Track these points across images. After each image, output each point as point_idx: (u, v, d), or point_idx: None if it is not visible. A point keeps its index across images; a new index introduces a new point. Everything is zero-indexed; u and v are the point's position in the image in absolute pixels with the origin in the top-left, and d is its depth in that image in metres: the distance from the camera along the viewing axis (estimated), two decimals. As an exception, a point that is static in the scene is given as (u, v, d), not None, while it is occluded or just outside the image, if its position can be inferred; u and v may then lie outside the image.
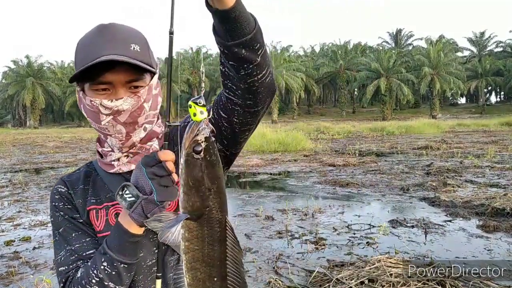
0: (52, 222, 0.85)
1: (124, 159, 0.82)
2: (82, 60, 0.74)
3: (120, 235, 0.73)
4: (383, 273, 2.78)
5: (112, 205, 0.83)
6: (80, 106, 0.81)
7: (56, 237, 0.84)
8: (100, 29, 0.76)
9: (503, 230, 3.98)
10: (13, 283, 3.07)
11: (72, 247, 0.81)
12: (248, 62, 0.68)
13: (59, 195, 0.85)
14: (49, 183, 7.70)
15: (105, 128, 0.78)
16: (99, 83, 0.75)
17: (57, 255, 0.82)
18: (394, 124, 23.87)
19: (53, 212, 0.85)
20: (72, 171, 0.92)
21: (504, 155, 9.84)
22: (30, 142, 21.02)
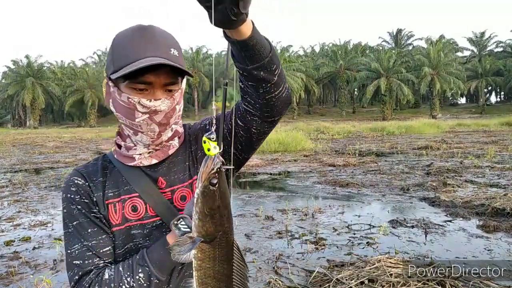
0: (65, 214, 0.84)
1: (147, 154, 0.84)
2: (124, 58, 0.76)
3: (165, 254, 0.76)
4: (383, 273, 2.78)
5: (129, 198, 0.84)
6: (107, 100, 0.84)
7: (69, 228, 0.82)
8: (141, 30, 0.78)
9: (503, 230, 3.98)
10: (13, 283, 3.07)
11: (89, 243, 0.81)
12: (266, 82, 0.74)
13: (76, 187, 0.84)
14: (49, 183, 7.70)
15: (139, 125, 0.80)
16: (140, 83, 0.77)
17: (71, 248, 0.81)
18: (394, 124, 23.87)
19: (68, 204, 0.83)
20: (86, 163, 0.91)
21: (504, 155, 9.84)
22: (30, 142, 21.02)
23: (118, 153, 0.87)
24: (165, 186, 0.85)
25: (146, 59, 0.74)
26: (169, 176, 0.86)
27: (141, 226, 0.84)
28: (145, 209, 0.84)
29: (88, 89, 49.59)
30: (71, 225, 0.82)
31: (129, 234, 0.83)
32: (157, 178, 0.85)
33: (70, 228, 0.82)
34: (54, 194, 6.72)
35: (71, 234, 0.82)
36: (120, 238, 0.83)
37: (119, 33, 0.80)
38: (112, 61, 0.78)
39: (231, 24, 0.63)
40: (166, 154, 0.86)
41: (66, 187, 0.84)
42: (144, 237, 0.84)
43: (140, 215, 0.84)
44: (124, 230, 0.83)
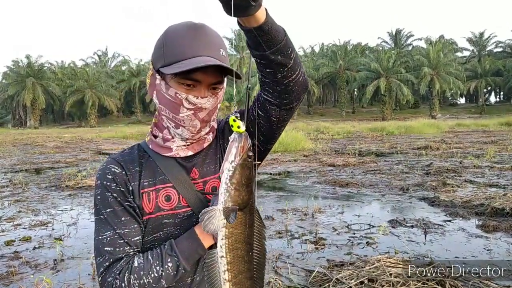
0: (99, 200, 0.84)
1: (184, 146, 0.87)
2: (177, 54, 0.78)
3: (194, 246, 0.81)
4: (382, 273, 2.78)
5: (163, 188, 0.86)
6: (151, 92, 0.85)
7: (102, 215, 0.83)
8: (194, 28, 0.79)
9: (502, 230, 3.98)
10: (13, 283, 3.08)
11: (122, 231, 0.82)
12: (283, 66, 0.76)
13: (112, 175, 0.84)
14: (50, 183, 7.70)
15: (182, 120, 0.83)
16: (189, 79, 0.79)
17: (102, 234, 0.82)
18: (393, 124, 23.87)
19: (103, 191, 0.84)
20: (121, 151, 0.91)
21: (503, 155, 9.85)
22: (30, 142, 21.01)
23: (154, 143, 0.88)
24: (198, 177, 0.89)
25: (199, 58, 0.76)
26: (203, 167, 0.89)
27: (173, 215, 0.86)
28: (178, 199, 0.86)
29: (88, 89, 49.57)
30: (104, 212, 0.83)
31: (161, 223, 0.85)
32: (191, 169, 0.88)
33: (103, 215, 0.83)
34: (55, 194, 6.72)
35: (104, 220, 0.83)
36: (151, 226, 0.85)
37: (172, 28, 0.81)
38: (164, 55, 0.79)
39: (250, 10, 0.65)
40: (202, 147, 0.90)
41: (102, 174, 0.85)
42: (175, 226, 0.86)
43: (173, 204, 0.86)
44: (156, 219, 0.85)
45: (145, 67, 57.45)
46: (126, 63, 60.28)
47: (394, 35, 57.45)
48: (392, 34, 57.70)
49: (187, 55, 0.77)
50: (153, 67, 0.83)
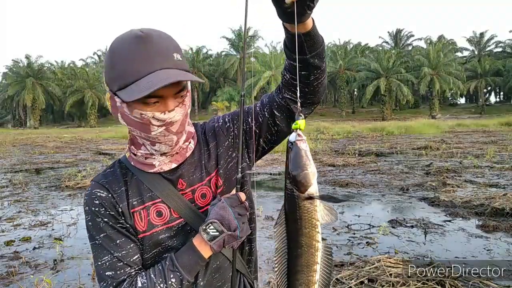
0: (90, 226, 0.84)
1: (166, 160, 0.85)
2: (130, 74, 0.72)
3: (195, 259, 0.81)
4: (382, 273, 2.78)
5: (153, 204, 0.85)
6: (115, 114, 0.80)
7: (96, 241, 0.83)
8: (139, 40, 0.73)
9: (502, 230, 3.99)
10: (13, 283, 3.08)
11: (119, 253, 0.82)
12: (318, 68, 0.81)
13: (99, 200, 0.83)
14: (49, 183, 7.70)
15: (155, 137, 0.80)
16: (152, 97, 0.74)
17: (100, 260, 0.82)
18: (393, 124, 23.87)
19: (93, 217, 0.83)
20: (103, 172, 0.88)
21: (503, 155, 9.84)
22: (30, 142, 21.01)
23: (136, 161, 0.86)
24: (186, 186, 0.87)
25: (156, 74, 0.71)
26: (189, 177, 0.88)
27: (167, 229, 0.85)
28: (170, 213, 0.85)
29: (88, 89, 49.58)
30: (98, 238, 0.83)
31: (157, 239, 0.85)
32: (177, 181, 0.87)
33: (98, 241, 0.83)
34: (54, 194, 6.72)
35: (100, 246, 0.83)
36: (148, 244, 0.84)
37: (117, 44, 0.75)
38: (116, 77, 0.74)
39: (304, 17, 0.70)
40: (184, 157, 0.87)
41: (89, 200, 0.84)
42: (172, 239, 0.86)
43: (165, 219, 0.85)
44: (151, 236, 0.84)
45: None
46: (126, 63, 60.19)
47: (395, 35, 57.47)
48: (393, 34, 57.72)
49: (142, 73, 0.71)
50: (110, 89, 0.78)
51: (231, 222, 0.78)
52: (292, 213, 0.74)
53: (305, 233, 0.73)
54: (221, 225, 0.78)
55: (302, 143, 0.73)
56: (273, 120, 0.89)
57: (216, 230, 0.78)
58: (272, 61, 45.82)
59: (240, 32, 51.19)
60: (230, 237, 0.78)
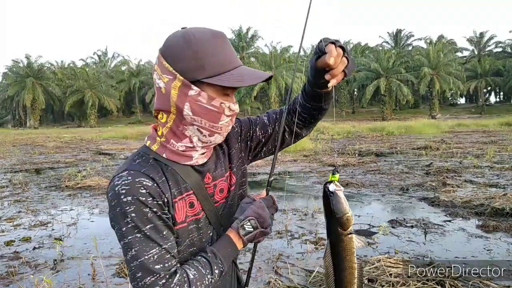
0: (134, 218, 0.77)
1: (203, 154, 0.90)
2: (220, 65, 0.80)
3: (232, 252, 0.89)
4: (382, 273, 2.78)
5: (187, 195, 0.88)
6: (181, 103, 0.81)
7: (142, 233, 0.78)
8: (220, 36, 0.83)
9: (502, 230, 3.99)
10: (13, 283, 3.08)
11: (166, 245, 0.80)
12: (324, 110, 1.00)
13: (145, 189, 0.79)
14: (49, 183, 7.70)
15: (220, 127, 0.86)
16: (231, 89, 0.83)
17: (147, 253, 0.78)
18: (393, 124, 23.87)
19: (138, 207, 0.78)
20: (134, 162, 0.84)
21: (503, 155, 9.85)
22: (30, 142, 21.02)
23: (169, 152, 0.86)
24: (211, 180, 0.92)
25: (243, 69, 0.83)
26: (213, 171, 0.93)
27: (196, 221, 0.89)
28: (198, 205, 0.89)
29: (88, 89, 49.58)
30: (145, 229, 0.78)
31: (188, 230, 0.87)
32: (206, 174, 0.91)
33: (143, 232, 0.78)
34: (54, 194, 6.72)
35: (147, 238, 0.78)
36: (183, 235, 0.86)
37: (197, 36, 0.80)
38: (204, 65, 0.79)
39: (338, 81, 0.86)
40: (211, 152, 0.94)
41: (133, 189, 0.78)
42: (198, 231, 0.89)
43: (195, 211, 0.89)
44: (186, 226, 0.87)
45: (145, 67, 57.50)
46: (126, 63, 60.27)
47: (395, 35, 57.49)
48: (393, 34, 57.74)
49: (231, 66, 0.81)
50: (184, 77, 0.80)
51: (266, 221, 0.89)
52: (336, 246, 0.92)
53: (347, 259, 0.92)
54: (257, 223, 0.88)
55: (341, 192, 0.89)
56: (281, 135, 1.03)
57: (251, 226, 0.87)
58: (272, 61, 45.79)
59: (241, 32, 51.21)
60: (261, 233, 0.89)
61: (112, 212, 0.79)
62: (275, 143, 1.03)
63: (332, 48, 0.78)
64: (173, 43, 0.81)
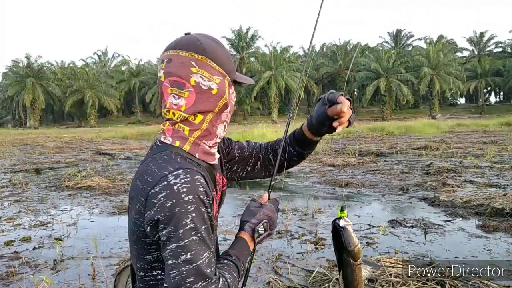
0: (194, 218, 0.75)
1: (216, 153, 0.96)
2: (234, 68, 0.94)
3: (248, 255, 0.92)
4: (382, 273, 2.78)
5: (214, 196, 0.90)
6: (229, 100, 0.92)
7: (199, 234, 0.76)
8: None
9: (502, 230, 3.98)
10: (13, 283, 3.08)
11: (213, 248, 0.80)
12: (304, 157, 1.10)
13: (203, 187, 0.78)
14: (49, 183, 7.70)
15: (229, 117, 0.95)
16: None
17: (201, 256, 0.75)
18: (393, 124, 23.89)
19: (198, 206, 0.76)
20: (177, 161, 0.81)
21: (503, 155, 9.85)
22: (30, 142, 21.02)
23: (201, 152, 0.88)
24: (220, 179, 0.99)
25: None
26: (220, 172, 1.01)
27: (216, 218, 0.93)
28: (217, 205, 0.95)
29: (88, 90, 49.57)
30: (202, 230, 0.76)
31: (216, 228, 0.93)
32: (216, 173, 0.96)
33: (201, 233, 0.76)
34: (54, 194, 6.72)
35: (202, 240, 0.76)
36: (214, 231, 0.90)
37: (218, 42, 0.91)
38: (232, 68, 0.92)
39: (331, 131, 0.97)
40: None
41: (194, 188, 0.76)
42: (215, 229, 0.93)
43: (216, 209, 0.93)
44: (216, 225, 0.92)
45: (145, 67, 57.49)
46: (126, 63, 60.27)
47: (395, 35, 57.49)
48: (393, 34, 57.74)
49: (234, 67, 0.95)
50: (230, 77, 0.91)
51: (275, 223, 0.95)
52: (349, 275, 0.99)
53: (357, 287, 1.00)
54: (268, 225, 0.93)
55: (350, 227, 0.97)
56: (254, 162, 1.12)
57: (263, 229, 0.92)
58: (272, 61, 45.78)
59: (240, 32, 51.21)
60: (268, 235, 0.94)
61: (167, 213, 0.74)
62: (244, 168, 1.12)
63: (343, 99, 0.89)
64: (213, 46, 0.88)
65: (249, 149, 1.11)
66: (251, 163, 1.12)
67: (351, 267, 0.96)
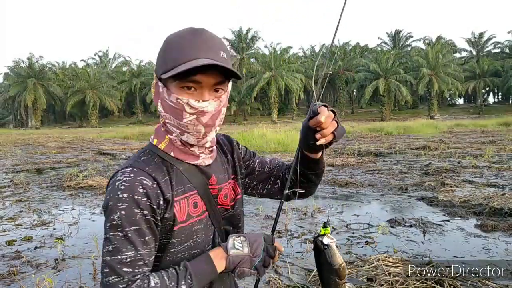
0: (122, 216, 0.76)
1: (208, 154, 0.91)
2: (176, 59, 0.79)
3: (208, 271, 0.83)
4: (381, 272, 2.81)
5: (191, 195, 0.87)
6: (156, 101, 0.86)
7: (123, 233, 0.76)
8: (193, 32, 0.81)
9: (501, 229, 4.01)
10: (15, 283, 3.10)
11: (143, 251, 0.78)
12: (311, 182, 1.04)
13: (144, 189, 0.78)
14: (51, 183, 7.72)
15: (185, 126, 0.83)
16: (189, 82, 0.79)
17: (122, 253, 0.76)
18: (392, 124, 23.91)
19: (130, 206, 0.77)
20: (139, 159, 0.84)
21: (502, 155, 9.88)
22: (31, 143, 21.02)
23: (177, 150, 0.87)
24: (216, 183, 0.92)
25: (197, 60, 0.77)
26: (218, 174, 0.94)
27: (199, 221, 0.88)
28: (202, 205, 0.89)
29: (89, 90, 49.57)
30: (128, 230, 0.76)
31: (192, 231, 0.86)
32: (211, 176, 0.91)
33: (125, 232, 0.76)
34: (56, 194, 6.74)
35: (126, 239, 0.76)
36: (183, 234, 0.85)
37: (171, 35, 0.83)
38: (164, 61, 0.81)
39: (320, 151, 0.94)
40: (214, 157, 0.94)
41: (131, 187, 0.77)
42: (201, 232, 0.88)
43: (199, 211, 0.88)
44: (188, 227, 0.85)
45: (146, 68, 57.48)
46: (127, 63, 60.26)
47: (393, 36, 57.52)
48: (391, 35, 57.78)
49: (186, 58, 0.77)
50: (156, 75, 0.85)
51: (258, 249, 0.86)
52: None
53: None
54: (249, 246, 0.85)
55: (334, 244, 0.90)
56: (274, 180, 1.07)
57: (241, 246, 0.85)
58: (272, 62, 45.78)
59: (241, 33, 51.21)
60: (248, 260, 0.84)
61: (105, 203, 0.79)
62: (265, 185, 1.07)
63: (324, 109, 0.81)
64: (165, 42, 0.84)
65: (270, 165, 1.07)
66: (271, 181, 1.06)
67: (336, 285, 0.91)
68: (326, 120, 0.81)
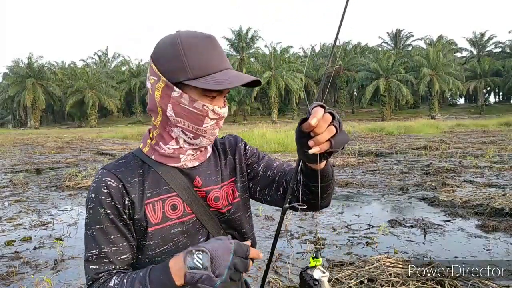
0: (90, 215, 0.81)
1: (192, 156, 0.89)
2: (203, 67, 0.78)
3: (164, 281, 0.74)
4: (382, 273, 2.79)
5: (168, 197, 0.86)
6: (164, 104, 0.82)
7: (90, 231, 0.81)
8: (209, 39, 0.81)
9: (502, 230, 4.00)
10: (14, 283, 3.09)
11: (108, 249, 0.80)
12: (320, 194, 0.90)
13: (108, 189, 0.81)
14: (50, 183, 7.71)
15: (204, 130, 0.84)
16: (216, 91, 0.81)
17: (89, 251, 0.81)
18: (393, 124, 23.91)
19: (95, 205, 0.81)
20: (115, 161, 0.88)
21: (503, 155, 9.86)
22: (30, 143, 21.02)
23: (157, 154, 0.88)
24: (201, 185, 0.90)
25: (228, 72, 0.80)
26: (205, 177, 0.91)
27: (180, 224, 0.86)
28: (183, 207, 0.87)
29: (88, 90, 49.60)
30: (94, 228, 0.81)
31: (170, 233, 0.85)
32: (195, 177, 0.89)
33: (91, 231, 0.81)
34: (55, 194, 6.73)
35: (92, 237, 0.81)
36: (160, 237, 0.84)
37: (185, 38, 0.79)
38: (187, 67, 0.78)
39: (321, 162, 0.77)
40: (205, 157, 0.93)
41: (97, 188, 0.81)
42: (183, 234, 0.87)
43: (179, 213, 0.86)
44: (165, 229, 0.84)
45: (145, 67, 57.52)
46: (126, 63, 60.29)
47: (394, 36, 57.54)
48: (392, 35, 57.78)
49: (215, 69, 0.79)
50: (167, 78, 0.80)
51: (220, 267, 0.70)
52: None
53: None
54: (209, 262, 0.70)
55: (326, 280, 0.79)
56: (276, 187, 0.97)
57: (201, 262, 0.70)
58: (272, 61, 45.80)
59: (240, 32, 51.24)
60: (207, 279, 0.69)
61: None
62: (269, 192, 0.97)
63: (317, 110, 0.68)
64: (161, 45, 0.82)
65: (273, 170, 0.98)
66: (273, 187, 0.97)
67: None
68: (317, 122, 0.67)
